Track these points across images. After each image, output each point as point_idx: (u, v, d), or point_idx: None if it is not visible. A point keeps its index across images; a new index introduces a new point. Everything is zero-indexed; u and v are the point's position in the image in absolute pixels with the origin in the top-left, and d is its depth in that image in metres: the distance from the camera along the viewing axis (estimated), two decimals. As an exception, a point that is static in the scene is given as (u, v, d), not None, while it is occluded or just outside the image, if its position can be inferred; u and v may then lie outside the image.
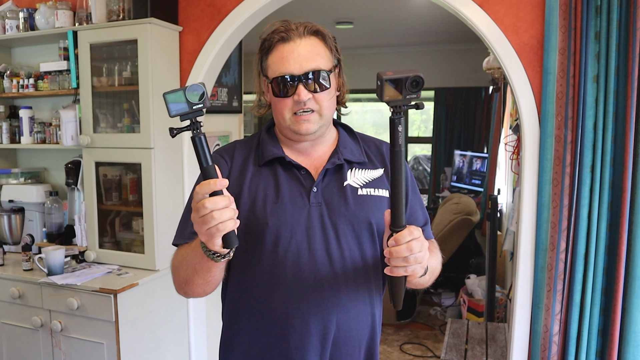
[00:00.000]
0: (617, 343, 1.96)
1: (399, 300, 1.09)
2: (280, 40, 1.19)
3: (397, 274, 1.01)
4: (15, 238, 2.81)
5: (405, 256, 0.98)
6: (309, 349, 1.18)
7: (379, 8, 4.17)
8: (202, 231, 0.95)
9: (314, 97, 1.18)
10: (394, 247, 0.99)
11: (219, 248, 0.97)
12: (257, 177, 1.24)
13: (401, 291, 1.08)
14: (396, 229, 1.01)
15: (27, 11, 2.68)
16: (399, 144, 0.97)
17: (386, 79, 0.95)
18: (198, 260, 1.06)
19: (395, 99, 0.96)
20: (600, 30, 1.92)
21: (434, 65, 5.86)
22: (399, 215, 1.00)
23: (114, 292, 2.23)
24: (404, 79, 0.94)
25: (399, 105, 0.96)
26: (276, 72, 1.18)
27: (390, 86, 0.95)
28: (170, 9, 2.52)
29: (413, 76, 0.94)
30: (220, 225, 0.93)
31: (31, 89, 2.72)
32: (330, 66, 1.21)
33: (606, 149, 1.94)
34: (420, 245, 1.00)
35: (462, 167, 5.63)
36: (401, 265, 1.00)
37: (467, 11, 2.15)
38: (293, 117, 1.20)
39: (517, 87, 2.12)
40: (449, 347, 2.86)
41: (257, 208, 1.19)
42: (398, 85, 0.95)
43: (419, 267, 1.01)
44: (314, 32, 1.20)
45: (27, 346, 2.45)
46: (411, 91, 0.94)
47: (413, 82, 0.94)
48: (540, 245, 2.09)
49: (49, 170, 3.00)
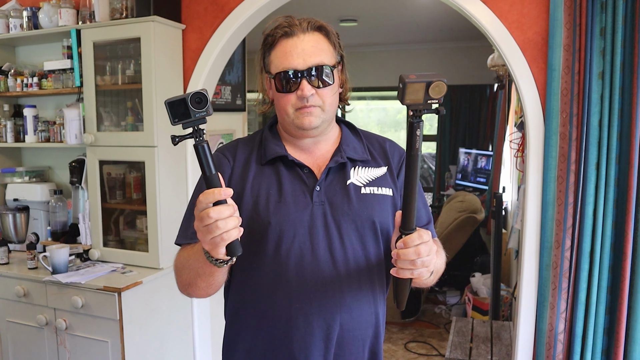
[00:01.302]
0: (623, 342, 1.95)
1: (402, 301, 1.09)
2: (284, 35, 1.18)
3: (403, 276, 1.01)
4: (20, 237, 2.83)
5: (413, 259, 0.98)
6: (312, 348, 1.17)
7: (383, 5, 4.15)
8: (206, 240, 0.94)
9: (318, 92, 1.17)
10: (402, 249, 0.99)
11: (223, 256, 0.96)
12: (260, 176, 1.23)
13: (405, 292, 1.08)
14: (406, 232, 1.00)
15: (30, 10, 2.69)
16: (416, 148, 0.96)
17: (408, 82, 0.92)
18: (201, 265, 1.06)
19: (416, 103, 0.93)
20: (605, 27, 1.90)
21: (438, 63, 5.85)
22: (410, 218, 1.00)
23: (118, 290, 2.23)
24: (427, 83, 0.91)
25: (420, 109, 0.94)
26: (279, 67, 1.17)
27: (413, 89, 0.92)
28: (173, 7, 2.52)
29: (437, 80, 0.91)
30: (224, 235, 0.92)
31: (35, 88, 2.73)
32: (334, 62, 1.20)
33: (611, 146, 1.92)
34: (429, 250, 1.00)
35: (467, 165, 5.61)
36: (408, 268, 1.00)
37: (471, 8, 2.13)
38: (296, 112, 1.19)
39: (522, 84, 2.11)
40: (453, 346, 2.85)
41: (259, 207, 1.19)
42: (420, 88, 0.92)
43: (425, 271, 1.01)
44: (318, 28, 1.19)
45: (32, 344, 2.46)
46: (433, 96, 0.92)
47: (436, 86, 0.92)
48: (545, 243, 2.08)
49: (53, 169, 3.01)
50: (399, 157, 1.31)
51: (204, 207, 0.92)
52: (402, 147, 1.33)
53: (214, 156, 1.24)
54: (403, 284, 1.06)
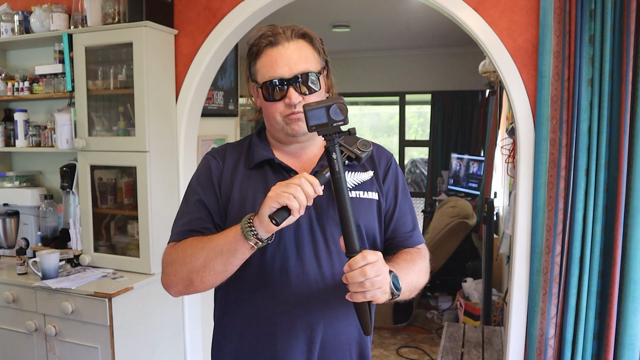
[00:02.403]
0: (613, 346, 1.96)
1: (366, 325, 1.10)
2: (269, 44, 1.19)
3: (357, 299, 1.03)
4: (10, 242, 2.80)
5: (361, 281, 1.00)
6: (295, 351, 1.18)
7: (375, 11, 4.17)
8: (283, 201, 1.01)
9: (305, 99, 1.19)
10: (348, 272, 1.01)
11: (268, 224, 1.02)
12: (247, 180, 1.24)
13: (366, 317, 1.08)
14: (350, 255, 1.03)
15: (22, 14, 2.67)
16: (337, 171, 1.01)
17: (307, 109, 0.99)
18: (229, 241, 1.09)
19: (322, 127, 1.00)
20: (594, 34, 1.92)
21: (430, 69, 5.88)
22: (351, 241, 1.03)
23: (108, 296, 2.22)
24: (326, 107, 0.99)
25: (329, 132, 1.00)
26: (266, 77, 1.19)
27: (314, 115, 1.00)
28: (166, 12, 2.52)
29: (334, 104, 0.99)
30: (301, 198, 1.02)
31: (26, 92, 2.71)
32: (319, 68, 1.22)
33: (601, 152, 1.94)
34: (376, 270, 1.01)
35: (459, 171, 5.63)
36: (359, 291, 1.02)
37: (462, 14, 2.15)
38: (285, 120, 1.20)
39: (512, 91, 2.12)
40: (445, 351, 2.86)
41: (246, 211, 1.19)
42: (322, 114, 0.99)
43: (378, 292, 1.03)
44: (302, 35, 1.21)
45: (21, 351, 2.43)
46: (335, 119, 0.99)
47: (336, 109, 0.99)
48: (535, 249, 2.09)
49: (44, 174, 2.99)
50: (385, 162, 1.32)
51: (300, 183, 1.02)
52: (390, 152, 1.36)
53: (203, 159, 1.26)
54: (361, 309, 1.07)
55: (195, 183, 1.28)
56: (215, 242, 1.11)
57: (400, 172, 1.35)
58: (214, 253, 1.11)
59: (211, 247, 1.12)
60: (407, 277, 1.17)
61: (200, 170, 1.30)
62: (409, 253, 1.28)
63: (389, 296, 1.07)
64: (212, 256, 1.11)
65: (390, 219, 1.29)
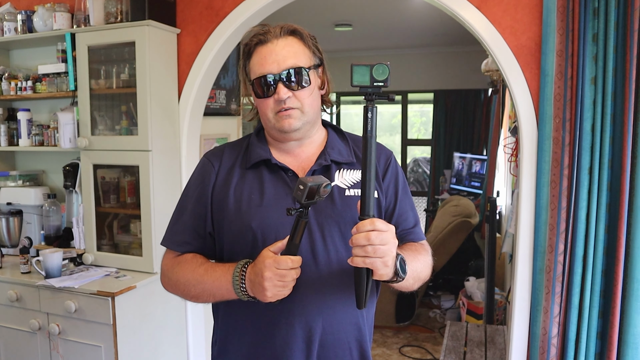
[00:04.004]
0: (616, 345, 1.95)
1: (359, 297, 1.08)
2: (259, 43, 1.21)
3: (356, 263, 1.03)
4: (13, 241, 2.81)
5: (363, 245, 1.00)
6: (294, 349, 1.19)
7: (377, 10, 4.17)
8: (274, 292, 1.08)
9: (294, 94, 1.19)
10: (355, 234, 1.02)
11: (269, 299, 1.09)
12: (243, 181, 1.25)
13: (362, 287, 1.07)
14: (362, 217, 1.03)
15: (25, 13, 2.68)
16: (369, 130, 1.04)
17: (354, 64, 1.05)
18: (223, 292, 1.17)
19: (363, 85, 1.05)
20: (597, 32, 1.92)
21: (432, 68, 5.87)
22: (366, 203, 1.03)
23: (111, 294, 2.22)
24: (371, 66, 1.04)
25: (369, 92, 1.05)
26: (256, 74, 1.21)
27: (358, 72, 1.05)
28: (168, 11, 2.52)
29: (377, 64, 1.04)
30: (287, 291, 1.10)
31: (29, 92, 2.71)
32: (310, 64, 1.22)
33: (604, 151, 1.93)
34: (382, 239, 1.01)
35: (462, 170, 5.63)
36: (360, 255, 1.01)
37: (465, 13, 2.15)
38: (276, 116, 1.21)
39: (515, 89, 2.12)
40: (448, 350, 2.86)
41: (241, 211, 1.21)
42: (365, 72, 1.04)
43: (379, 262, 1.02)
44: (291, 32, 1.22)
45: (25, 349, 2.44)
46: (377, 78, 1.04)
47: (379, 67, 1.03)
48: (538, 248, 2.09)
49: (47, 173, 3.00)
50: (385, 159, 1.32)
51: (289, 267, 1.07)
52: (389, 150, 1.36)
53: (201, 162, 1.30)
54: (359, 277, 1.06)
55: (190, 190, 1.32)
56: (209, 285, 1.19)
57: (400, 169, 1.35)
58: (206, 294, 1.21)
59: (203, 288, 1.21)
60: (412, 264, 1.18)
61: (195, 175, 1.32)
62: (413, 245, 1.29)
63: (392, 274, 1.07)
64: (205, 295, 1.21)
65: (390, 216, 1.29)
